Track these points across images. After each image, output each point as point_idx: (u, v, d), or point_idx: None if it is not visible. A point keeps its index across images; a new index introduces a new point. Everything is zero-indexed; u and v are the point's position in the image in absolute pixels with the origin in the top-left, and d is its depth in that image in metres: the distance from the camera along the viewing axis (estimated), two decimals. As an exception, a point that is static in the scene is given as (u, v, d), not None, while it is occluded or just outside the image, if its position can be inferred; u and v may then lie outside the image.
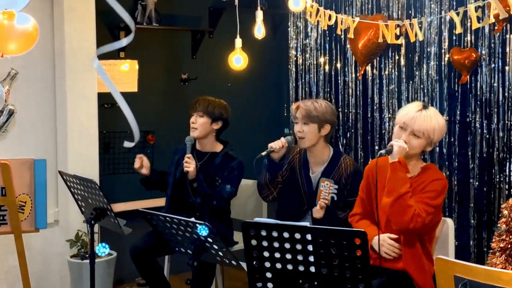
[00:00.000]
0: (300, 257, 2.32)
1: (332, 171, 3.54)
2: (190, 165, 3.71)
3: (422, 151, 3.02)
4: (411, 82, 4.66)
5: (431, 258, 2.99)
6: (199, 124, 3.83)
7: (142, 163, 3.84)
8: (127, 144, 2.00)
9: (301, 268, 2.33)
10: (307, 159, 3.63)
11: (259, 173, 3.64)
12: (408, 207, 2.80)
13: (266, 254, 2.37)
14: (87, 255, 3.39)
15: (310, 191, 3.56)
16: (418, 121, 2.89)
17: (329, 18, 4.20)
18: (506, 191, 4.12)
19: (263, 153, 3.47)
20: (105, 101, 4.52)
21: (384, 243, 2.95)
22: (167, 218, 2.85)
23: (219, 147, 3.93)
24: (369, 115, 4.97)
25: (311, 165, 3.62)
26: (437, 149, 4.50)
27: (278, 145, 3.48)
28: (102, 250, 3.04)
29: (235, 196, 3.84)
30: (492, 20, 3.62)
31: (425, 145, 2.94)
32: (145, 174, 3.88)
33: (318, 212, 3.45)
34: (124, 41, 2.04)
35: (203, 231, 2.62)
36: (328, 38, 5.25)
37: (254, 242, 2.38)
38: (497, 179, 4.19)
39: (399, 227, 2.87)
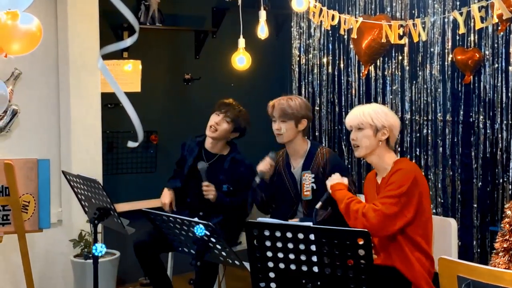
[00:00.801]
0: (303, 257, 2.32)
1: (311, 163, 3.58)
2: (209, 193, 3.77)
3: (381, 142, 3.05)
4: (414, 82, 4.66)
5: (428, 255, 3.00)
6: (221, 128, 3.84)
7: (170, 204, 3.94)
8: (131, 144, 2.01)
9: (304, 268, 2.33)
10: (289, 158, 3.68)
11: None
12: (354, 212, 2.97)
13: (269, 254, 2.37)
14: (90, 255, 3.39)
15: (296, 187, 3.61)
16: (352, 117, 3.12)
17: (332, 18, 4.19)
18: (510, 191, 4.12)
19: (257, 180, 3.54)
20: (109, 101, 4.53)
21: None
22: (170, 218, 2.86)
23: (226, 150, 3.95)
24: (372, 115, 4.96)
25: (292, 161, 3.67)
26: (440, 149, 4.50)
27: (266, 166, 3.58)
28: (99, 249, 3.05)
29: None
30: (496, 20, 3.62)
31: (373, 133, 3.04)
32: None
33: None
34: (129, 41, 2.04)
35: (199, 230, 2.62)
36: (331, 38, 5.25)
37: (257, 242, 2.39)
38: (501, 179, 4.18)
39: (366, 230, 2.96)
